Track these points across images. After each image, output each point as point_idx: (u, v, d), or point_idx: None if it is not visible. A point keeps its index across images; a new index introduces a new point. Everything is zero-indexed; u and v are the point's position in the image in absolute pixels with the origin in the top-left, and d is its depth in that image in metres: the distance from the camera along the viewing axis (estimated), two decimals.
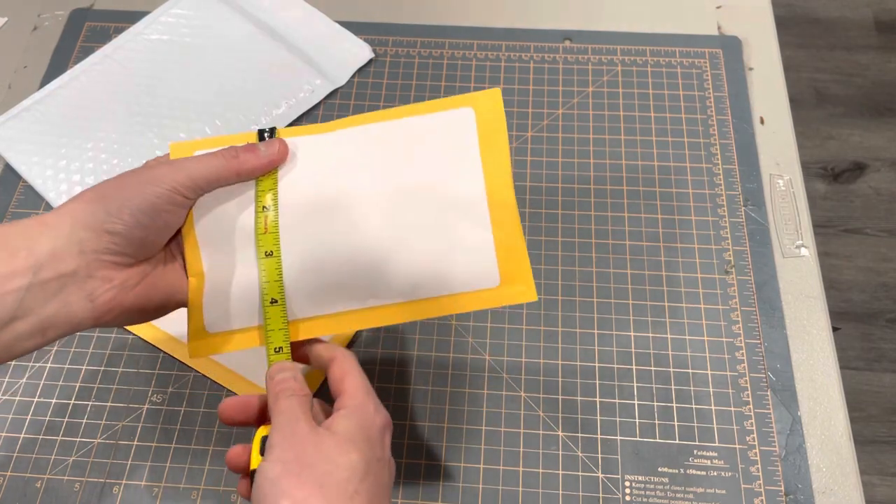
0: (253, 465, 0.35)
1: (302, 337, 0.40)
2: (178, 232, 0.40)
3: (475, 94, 0.42)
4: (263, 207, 0.40)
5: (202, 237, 0.40)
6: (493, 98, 0.41)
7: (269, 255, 0.40)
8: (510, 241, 0.40)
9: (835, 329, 0.54)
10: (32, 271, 0.34)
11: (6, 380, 0.53)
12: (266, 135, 0.41)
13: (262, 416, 0.39)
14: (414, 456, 0.50)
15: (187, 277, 0.40)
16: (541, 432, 0.51)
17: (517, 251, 0.40)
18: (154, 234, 0.38)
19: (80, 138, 0.63)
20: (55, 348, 0.54)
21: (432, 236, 0.40)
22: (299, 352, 0.40)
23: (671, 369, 0.53)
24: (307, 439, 0.34)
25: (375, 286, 0.40)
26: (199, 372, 0.53)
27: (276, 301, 0.39)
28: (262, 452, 0.35)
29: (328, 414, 0.37)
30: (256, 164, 0.40)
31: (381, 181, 0.41)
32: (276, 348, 0.39)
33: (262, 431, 0.37)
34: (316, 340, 0.40)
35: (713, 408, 0.51)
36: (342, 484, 0.33)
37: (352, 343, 0.54)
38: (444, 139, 0.41)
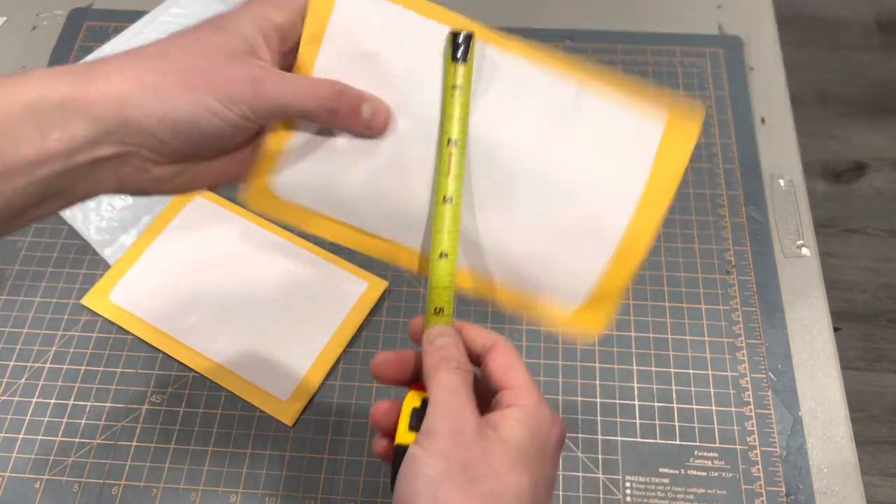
0: (399, 438, 0.31)
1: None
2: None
3: (675, 103, 0.36)
4: (449, 141, 0.34)
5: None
6: (689, 122, 0.35)
7: (447, 200, 0.34)
8: (612, 284, 0.36)
9: (836, 329, 0.54)
10: (67, 155, 0.30)
11: (6, 380, 0.53)
12: (460, 44, 0.34)
13: (417, 377, 0.34)
14: None
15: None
16: None
17: (611, 295, 0.36)
18: (208, 150, 0.33)
19: None
20: (55, 348, 0.54)
21: (552, 228, 0.35)
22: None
23: (672, 369, 0.53)
24: (474, 439, 0.29)
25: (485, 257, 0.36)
26: (198, 372, 0.52)
27: (446, 254, 0.34)
28: (412, 426, 0.31)
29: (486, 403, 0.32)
30: (349, 127, 0.34)
31: (541, 147, 0.35)
32: (436, 308, 0.34)
33: (411, 401, 0.32)
34: (470, 325, 0.35)
35: (714, 408, 0.51)
36: None
37: (354, 340, 0.54)
38: (618, 141, 0.36)
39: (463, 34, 0.34)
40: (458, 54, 0.34)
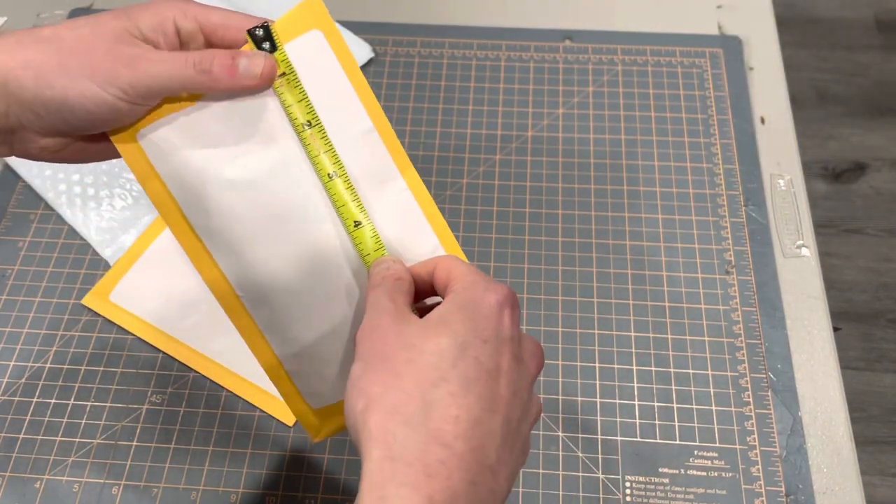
0: None
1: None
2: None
3: None
4: (303, 125, 0.36)
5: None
6: None
7: (332, 176, 0.36)
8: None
9: (835, 329, 0.54)
10: None
11: (6, 380, 0.53)
12: (260, 36, 0.35)
13: None
14: None
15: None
16: (541, 433, 0.50)
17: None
18: (86, 130, 0.34)
19: None
20: (55, 348, 0.54)
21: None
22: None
23: (671, 369, 0.53)
24: (389, 329, 0.31)
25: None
26: (198, 372, 0.53)
27: (360, 223, 0.36)
28: None
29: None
30: (230, 86, 0.34)
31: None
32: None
33: None
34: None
35: (714, 408, 0.51)
36: (424, 371, 0.29)
37: None
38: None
39: (259, 29, 0.35)
40: (267, 47, 0.35)
